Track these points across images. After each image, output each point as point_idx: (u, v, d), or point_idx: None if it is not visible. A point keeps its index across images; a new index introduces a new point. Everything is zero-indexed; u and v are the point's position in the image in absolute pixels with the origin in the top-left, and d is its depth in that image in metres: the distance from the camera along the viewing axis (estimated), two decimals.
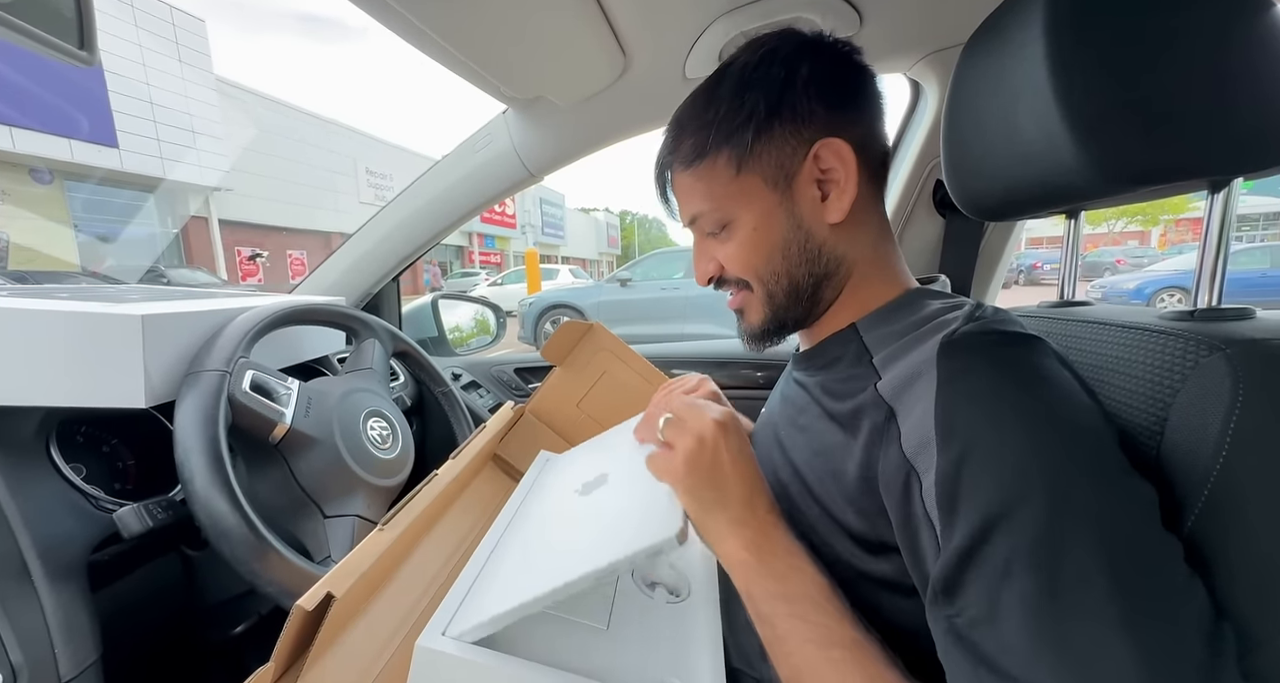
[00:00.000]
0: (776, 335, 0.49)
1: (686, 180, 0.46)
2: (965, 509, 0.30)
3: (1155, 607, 0.27)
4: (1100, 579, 0.27)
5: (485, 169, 0.97)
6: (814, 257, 0.44)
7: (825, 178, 0.43)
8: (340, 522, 0.62)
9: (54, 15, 0.39)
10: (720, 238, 0.46)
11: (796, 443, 0.46)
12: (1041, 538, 0.28)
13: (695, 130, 0.45)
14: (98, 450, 0.64)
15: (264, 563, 0.51)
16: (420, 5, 0.59)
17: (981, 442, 0.31)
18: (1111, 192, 0.39)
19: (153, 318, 0.54)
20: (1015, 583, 0.28)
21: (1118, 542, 0.28)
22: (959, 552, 0.30)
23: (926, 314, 0.42)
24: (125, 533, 0.51)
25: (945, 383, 0.33)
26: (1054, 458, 0.30)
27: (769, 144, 0.43)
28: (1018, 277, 14.52)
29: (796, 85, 0.42)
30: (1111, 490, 0.29)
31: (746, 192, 0.44)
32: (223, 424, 0.54)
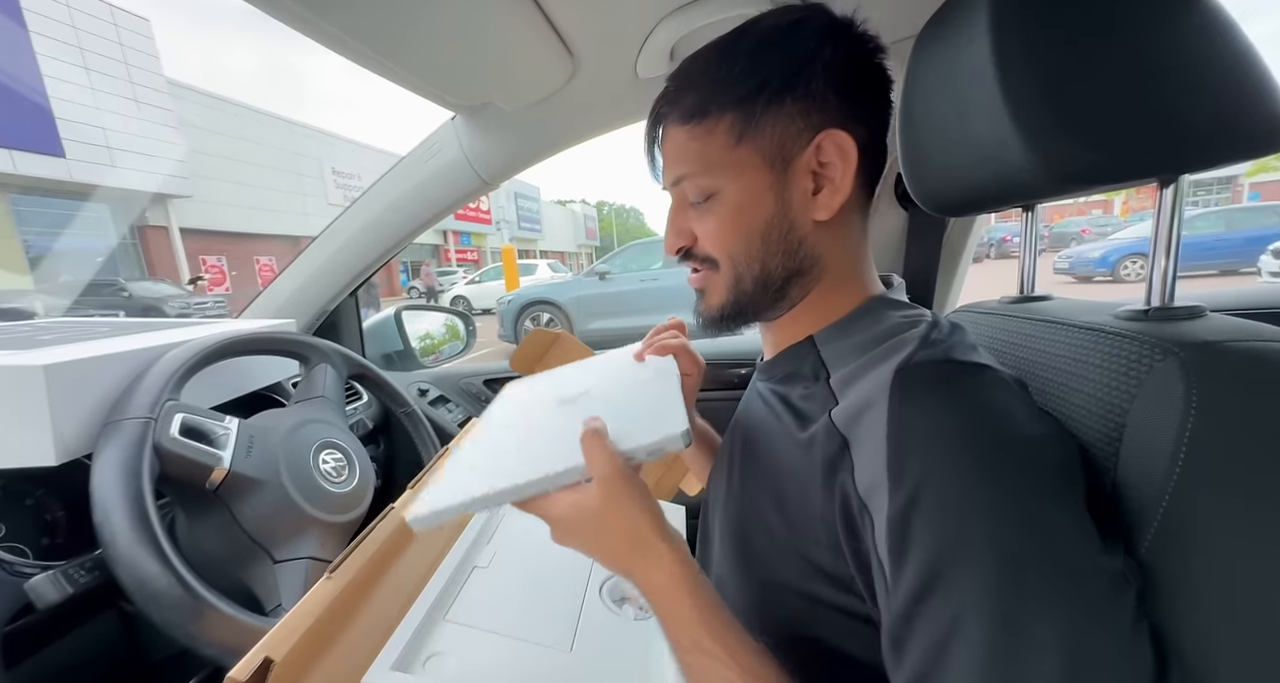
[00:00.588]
0: (734, 322, 0.46)
1: (680, 137, 0.42)
2: (911, 560, 0.30)
3: (1098, 673, 0.27)
4: (1046, 648, 0.27)
5: (437, 178, 0.94)
6: (793, 250, 0.42)
7: (822, 171, 0.40)
8: (291, 566, 0.59)
9: None
10: (700, 209, 0.43)
11: (756, 455, 0.45)
12: (979, 603, 0.28)
13: (702, 86, 0.41)
14: (20, 505, 0.59)
15: (201, 624, 0.48)
16: (347, 18, 0.55)
17: (928, 489, 0.30)
18: (1060, 192, 0.38)
19: (58, 367, 0.50)
20: (953, 649, 0.28)
21: (1063, 606, 0.27)
22: (902, 610, 0.30)
23: (883, 330, 0.41)
24: (39, 603, 0.48)
25: (894, 421, 0.33)
26: (997, 514, 0.29)
27: (776, 119, 0.39)
28: (988, 251, 14.84)
29: (818, 63, 0.39)
30: (1058, 547, 0.29)
31: (741, 164, 0.40)
32: (148, 476, 0.50)
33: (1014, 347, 0.47)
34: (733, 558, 0.45)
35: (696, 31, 0.69)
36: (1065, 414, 0.39)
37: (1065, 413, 0.39)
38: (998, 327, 0.51)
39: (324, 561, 0.62)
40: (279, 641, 0.42)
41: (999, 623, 0.27)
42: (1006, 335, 0.49)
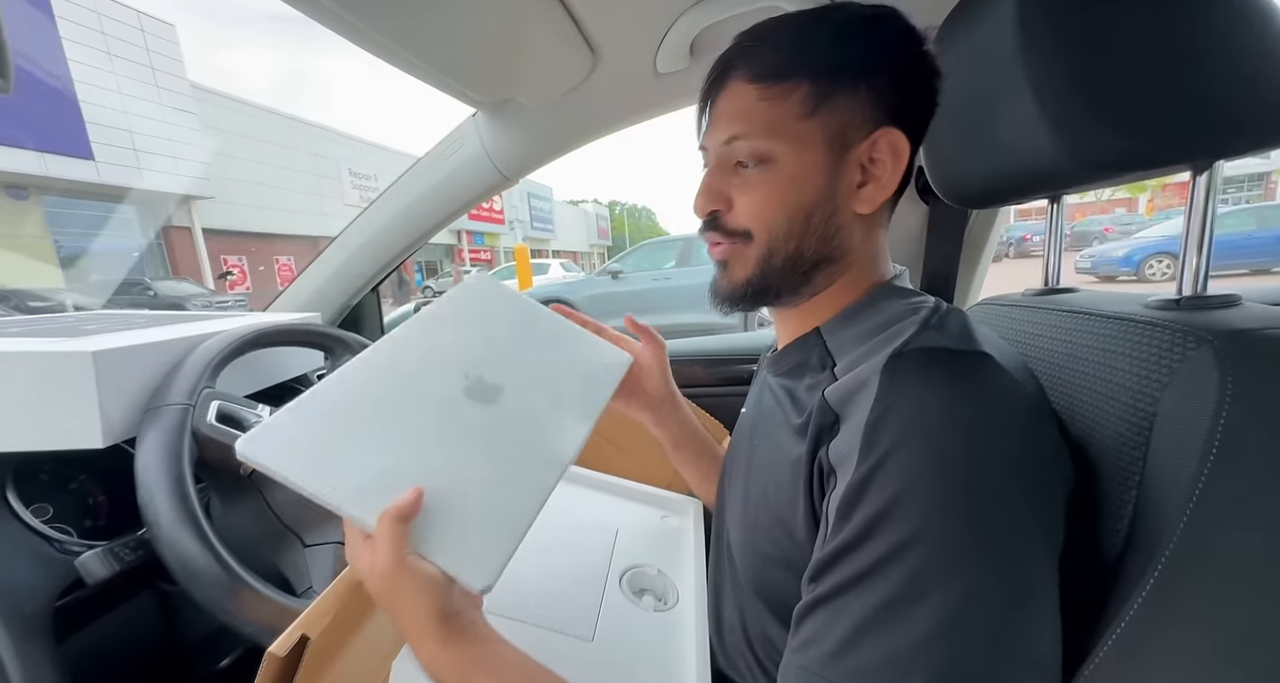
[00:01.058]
0: (755, 300, 0.45)
1: (748, 95, 0.41)
2: (855, 517, 0.31)
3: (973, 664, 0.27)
4: (931, 613, 0.28)
5: (458, 174, 0.95)
6: (830, 235, 0.41)
7: (870, 167, 0.40)
8: (321, 550, 0.60)
9: None
10: (747, 175, 0.42)
11: (760, 456, 0.46)
12: (898, 557, 0.29)
13: (784, 47, 0.40)
14: (64, 488, 0.62)
15: (238, 602, 0.49)
16: (375, 13, 0.56)
17: (891, 460, 0.31)
18: (1090, 179, 0.38)
19: (105, 353, 0.52)
20: (864, 588, 0.30)
21: (970, 606, 0.28)
22: (834, 548, 0.32)
23: (886, 318, 0.41)
24: (89, 579, 0.50)
25: (879, 400, 0.33)
26: (951, 494, 0.30)
27: (848, 103, 0.39)
28: (1008, 249, 14.56)
29: (896, 60, 0.40)
30: (992, 547, 0.29)
31: (806, 137, 0.40)
32: (188, 460, 0.52)
33: (1038, 339, 0.47)
34: (741, 542, 0.45)
35: (717, 25, 0.70)
36: (1092, 405, 0.38)
37: (1092, 404, 0.38)
38: (1021, 319, 0.51)
39: None
40: (314, 619, 0.43)
41: (905, 581, 0.28)
42: (1031, 327, 0.48)
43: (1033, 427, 0.33)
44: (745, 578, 0.46)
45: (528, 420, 0.43)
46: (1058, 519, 0.32)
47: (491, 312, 0.51)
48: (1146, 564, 0.31)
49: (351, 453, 0.36)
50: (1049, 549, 0.31)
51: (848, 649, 0.29)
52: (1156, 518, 0.32)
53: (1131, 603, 0.31)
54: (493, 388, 0.44)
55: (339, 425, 0.37)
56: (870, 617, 0.29)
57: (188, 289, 9.11)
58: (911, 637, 0.27)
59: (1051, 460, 0.33)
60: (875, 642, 0.28)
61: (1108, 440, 0.36)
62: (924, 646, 0.27)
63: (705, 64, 0.45)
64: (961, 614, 0.27)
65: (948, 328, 0.38)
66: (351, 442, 0.37)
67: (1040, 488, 0.31)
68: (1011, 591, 0.29)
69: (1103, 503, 0.36)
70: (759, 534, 0.42)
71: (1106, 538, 0.35)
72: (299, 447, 0.35)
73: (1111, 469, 0.35)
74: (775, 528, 0.40)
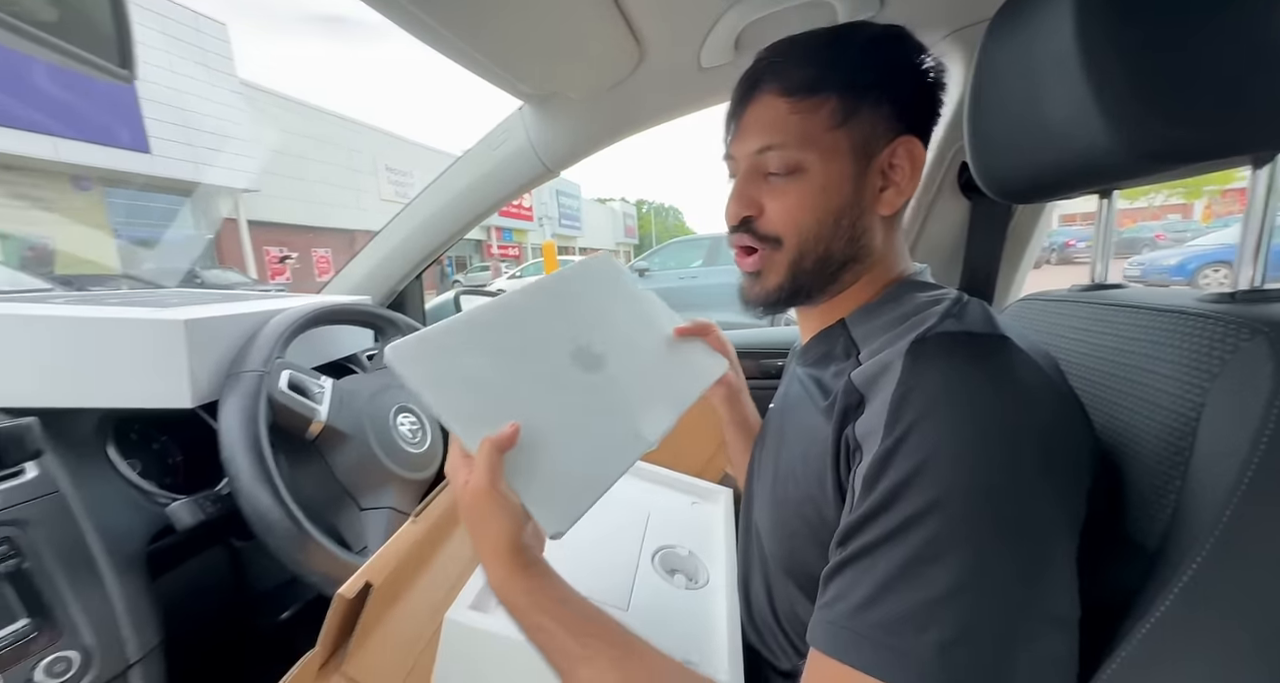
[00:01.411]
0: (788, 303, 0.48)
1: (779, 107, 0.43)
2: (880, 487, 0.33)
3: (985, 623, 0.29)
4: (949, 574, 0.29)
5: (503, 166, 0.98)
6: (856, 237, 0.44)
7: (889, 173, 0.44)
8: (375, 514, 0.64)
9: (95, 35, 0.41)
10: (777, 183, 0.44)
11: (789, 439, 0.48)
12: (920, 523, 0.30)
13: (813, 62, 0.43)
14: (149, 448, 0.67)
15: (306, 554, 0.53)
16: (435, 4, 0.59)
17: (914, 434, 0.32)
18: (1145, 171, 0.38)
19: (195, 322, 0.57)
20: (886, 550, 0.31)
21: (985, 568, 0.29)
22: (860, 515, 0.33)
23: (910, 308, 0.43)
24: (179, 526, 0.55)
25: (903, 381, 0.35)
26: (972, 467, 0.31)
27: (874, 115, 0.42)
28: (1050, 256, 13.96)
29: (916, 75, 0.43)
30: (1007, 515, 0.30)
31: (835, 147, 0.42)
32: (263, 422, 0.56)
33: (1083, 333, 0.47)
34: (770, 521, 0.47)
35: (762, 20, 0.71)
36: (1137, 397, 0.38)
37: (1137, 396, 0.38)
38: (1067, 313, 0.50)
39: (402, 512, 0.67)
40: (377, 569, 0.47)
41: (924, 543, 0.30)
42: (1076, 321, 0.48)
43: (1051, 406, 0.34)
44: (774, 557, 0.48)
45: (623, 396, 0.46)
46: (1077, 496, 0.33)
47: (609, 291, 0.54)
48: (1188, 553, 0.31)
49: (471, 383, 0.40)
50: (1066, 522, 0.32)
51: (871, 605, 0.30)
52: (1200, 508, 0.32)
53: (1171, 590, 0.31)
54: (597, 358, 0.47)
55: (465, 357, 0.41)
56: (892, 575, 0.30)
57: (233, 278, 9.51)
58: (930, 594, 0.29)
59: (1069, 439, 0.34)
60: (897, 598, 0.30)
61: (1152, 431, 0.36)
62: (941, 602, 0.29)
63: (749, 59, 0.47)
64: (976, 575, 0.29)
65: (968, 316, 0.39)
66: (473, 374, 0.41)
67: (1057, 464, 0.32)
68: (1026, 555, 0.30)
69: (1146, 493, 0.36)
70: (788, 511, 0.44)
71: (1148, 527, 0.35)
72: (432, 366, 0.40)
73: (1155, 459, 0.36)
74: (805, 505, 0.42)
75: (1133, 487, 0.37)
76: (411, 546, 0.51)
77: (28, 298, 0.65)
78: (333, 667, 0.43)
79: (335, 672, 0.43)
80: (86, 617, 0.47)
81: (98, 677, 0.46)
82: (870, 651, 0.30)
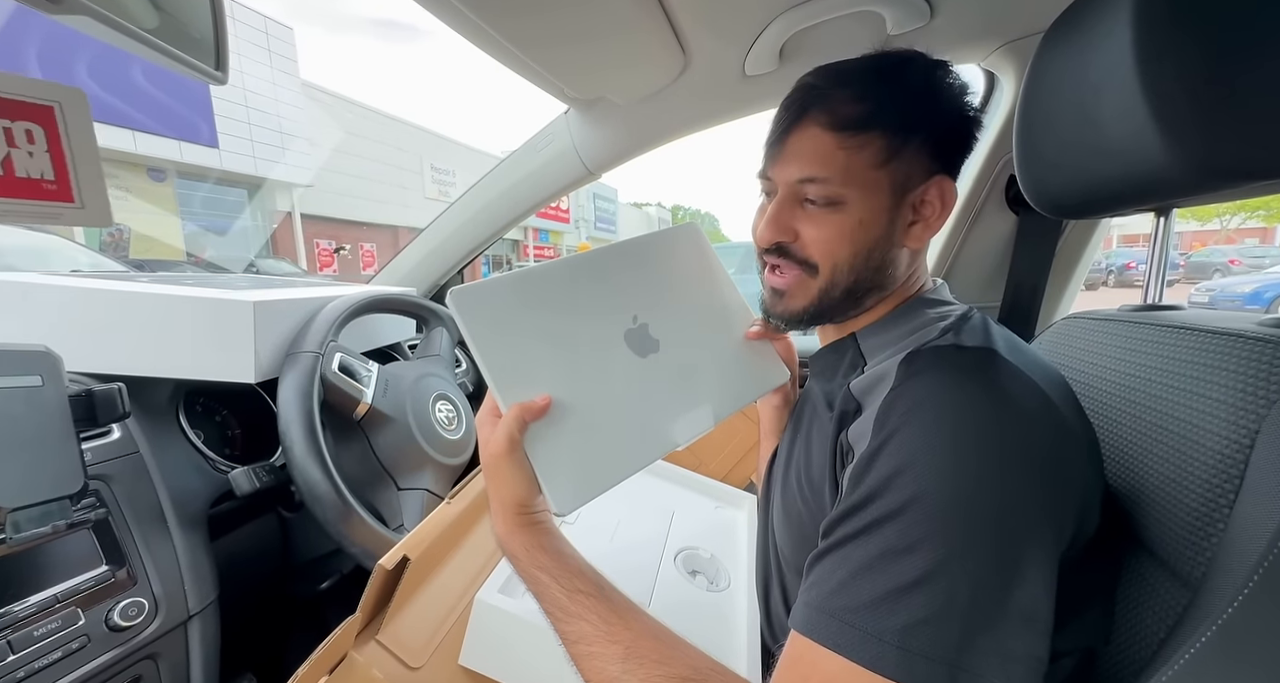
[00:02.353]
0: (811, 323, 0.50)
1: (827, 142, 0.43)
2: (862, 485, 0.34)
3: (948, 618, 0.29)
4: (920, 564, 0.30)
5: (547, 168, 1.02)
6: (883, 268, 0.46)
7: (921, 208, 0.45)
8: (412, 494, 0.68)
9: (192, 38, 0.45)
10: (816, 213, 0.44)
11: (801, 448, 0.49)
12: (896, 516, 0.32)
13: (864, 99, 0.43)
14: (212, 420, 0.73)
15: (349, 526, 0.57)
16: (488, 10, 0.62)
17: (895, 438, 0.34)
18: (1206, 188, 0.37)
19: (262, 304, 0.61)
20: (862, 541, 0.33)
21: (953, 563, 0.30)
22: (842, 510, 0.35)
23: (917, 323, 0.44)
24: (238, 491, 0.59)
25: (893, 389, 0.37)
26: (947, 472, 0.32)
27: (916, 156, 0.43)
28: (1106, 277, 13.26)
29: (955, 117, 0.44)
30: (978, 516, 0.31)
31: (876, 185, 0.43)
32: (316, 400, 0.60)
33: (1131, 353, 0.45)
34: (784, 524, 0.49)
35: (808, 29, 0.71)
36: (1186, 421, 0.37)
37: (1186, 420, 0.37)
38: (1114, 333, 0.49)
39: (436, 494, 0.70)
40: (414, 545, 0.50)
41: (897, 535, 0.31)
42: (1122, 341, 0.47)
43: (1036, 419, 0.35)
44: (789, 564, 0.49)
45: (667, 389, 0.45)
46: (1062, 510, 0.34)
47: (689, 267, 0.52)
48: (1231, 588, 0.30)
49: (518, 343, 0.41)
50: (1042, 530, 0.32)
51: (843, 589, 0.32)
52: (1248, 541, 0.31)
53: (1211, 625, 0.30)
54: (652, 342, 0.46)
55: (522, 314, 0.41)
56: (866, 564, 0.32)
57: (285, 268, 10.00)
58: (899, 582, 0.30)
59: (1055, 453, 0.34)
60: (868, 584, 0.31)
61: (1199, 459, 0.35)
62: (909, 590, 0.30)
63: (792, 67, 0.48)
64: (944, 567, 0.30)
65: (965, 330, 0.41)
66: (523, 333, 0.41)
67: (1037, 475, 0.33)
68: (996, 554, 0.31)
69: (1190, 522, 0.35)
70: (799, 518, 0.46)
71: (1192, 557, 0.34)
72: (487, 317, 0.40)
73: (1202, 488, 0.35)
74: (815, 507, 0.44)
75: (1174, 513, 0.36)
76: (445, 527, 0.54)
77: (112, 277, 0.72)
78: (370, 633, 0.46)
79: (372, 638, 0.45)
80: (156, 568, 0.51)
81: (163, 624, 0.50)
82: (838, 630, 0.31)
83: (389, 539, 0.58)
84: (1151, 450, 0.39)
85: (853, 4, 0.66)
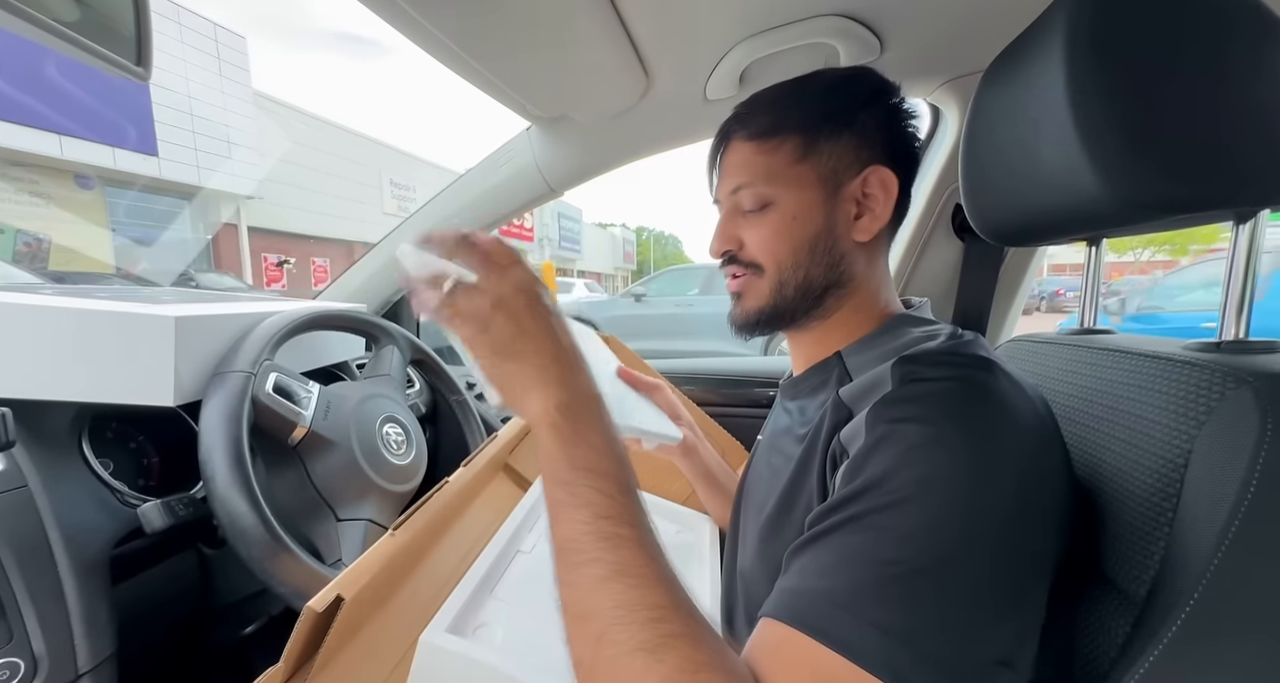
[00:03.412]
0: (769, 326, 0.50)
1: (746, 150, 0.47)
2: (854, 482, 0.34)
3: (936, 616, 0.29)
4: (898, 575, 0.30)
5: (508, 184, 1.00)
6: (834, 263, 0.46)
7: (865, 201, 0.46)
8: (353, 525, 0.63)
9: (113, 33, 0.42)
10: (753, 218, 0.47)
11: (776, 467, 0.48)
12: (887, 518, 0.31)
13: (773, 110, 0.47)
14: (125, 447, 0.65)
15: (278, 563, 0.51)
16: (451, 24, 0.61)
17: (889, 440, 0.34)
18: (1131, 220, 0.39)
19: (185, 319, 0.56)
20: (846, 533, 0.32)
21: (934, 564, 0.30)
22: (829, 504, 0.34)
23: (906, 341, 0.44)
24: (148, 528, 0.53)
25: (890, 392, 0.36)
26: (933, 474, 0.32)
27: (834, 147, 0.45)
28: (1039, 303, 14.25)
29: (873, 109, 0.46)
30: (965, 522, 0.31)
31: (799, 179, 0.46)
32: (246, 424, 0.55)
33: (1071, 375, 0.47)
34: (759, 559, 0.46)
35: (767, 58, 0.73)
36: (1125, 441, 0.39)
37: (1125, 440, 0.39)
38: (1055, 355, 0.51)
39: (380, 525, 0.65)
40: (349, 582, 0.45)
41: (881, 530, 0.31)
42: (1064, 364, 0.49)
43: (1032, 430, 0.35)
44: (763, 597, 0.46)
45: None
46: (1049, 521, 0.34)
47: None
48: (1178, 600, 0.31)
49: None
50: (1031, 539, 0.32)
51: (824, 575, 0.31)
52: (1189, 555, 0.32)
53: (1160, 639, 0.31)
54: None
55: None
56: (846, 555, 0.31)
57: (228, 283, 9.46)
58: (878, 575, 0.30)
59: (1046, 465, 0.35)
60: (848, 574, 0.30)
61: (1140, 477, 0.36)
62: (886, 583, 0.29)
63: (752, 93, 0.50)
64: (932, 567, 0.29)
65: (960, 341, 0.41)
66: None
67: (1031, 484, 0.33)
68: (985, 559, 0.30)
69: (1133, 539, 0.36)
70: (780, 547, 0.43)
71: (1135, 573, 0.35)
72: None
73: (1143, 505, 0.36)
74: (794, 536, 0.41)
75: (1120, 533, 0.37)
76: (388, 560, 0.49)
77: (14, 290, 0.64)
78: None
79: None
80: (39, 621, 0.44)
81: None
82: (814, 617, 0.30)
83: (324, 576, 0.53)
84: (1096, 470, 0.40)
85: (807, 36, 0.69)
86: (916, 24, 0.68)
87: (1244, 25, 0.35)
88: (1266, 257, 0.42)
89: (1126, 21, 0.35)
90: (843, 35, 0.69)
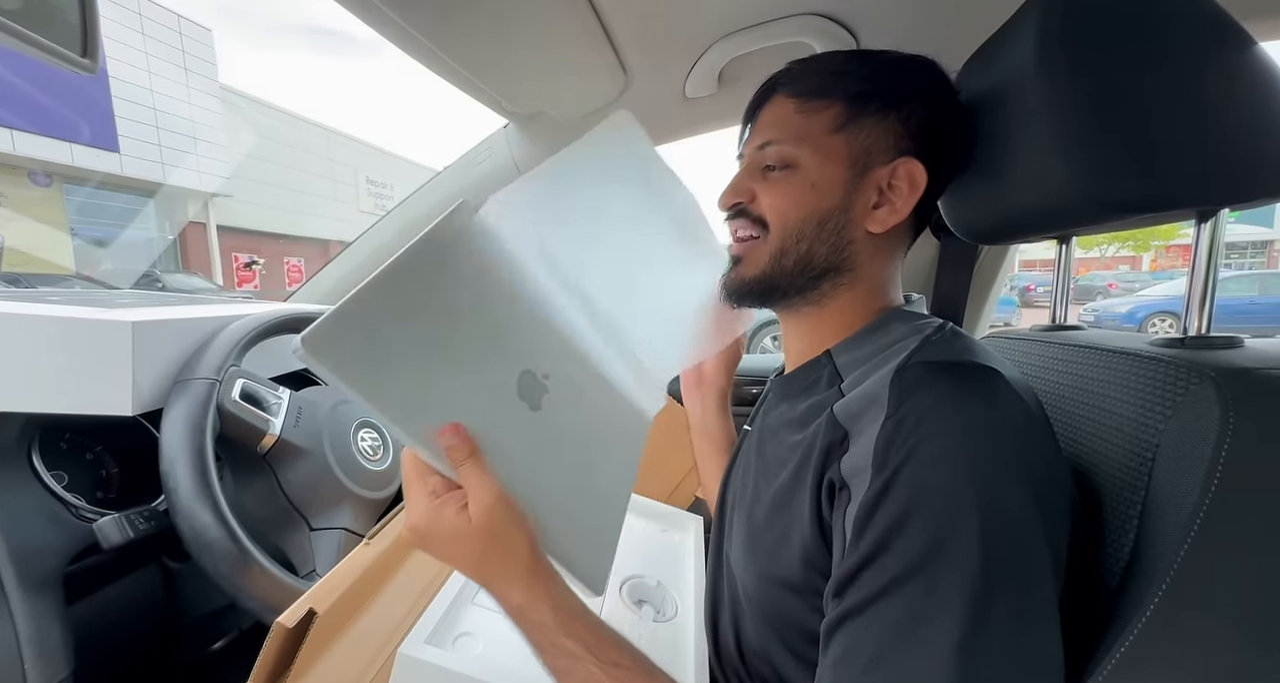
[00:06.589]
0: (762, 298, 0.48)
1: (787, 107, 0.45)
2: (871, 529, 0.32)
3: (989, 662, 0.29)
4: (952, 627, 0.29)
5: (485, 182, 0.98)
6: (840, 245, 0.44)
7: (888, 192, 0.44)
8: (327, 535, 0.61)
9: (57, 22, 0.40)
10: (773, 177, 0.45)
11: (766, 472, 0.47)
12: (918, 571, 0.30)
13: (825, 74, 0.45)
14: (81, 458, 0.62)
15: (246, 577, 0.49)
16: (425, 21, 0.60)
17: (903, 473, 0.32)
18: (1100, 218, 0.40)
19: (143, 325, 0.53)
20: (886, 605, 0.31)
21: (987, 618, 0.29)
22: (854, 563, 0.33)
23: (894, 337, 0.43)
24: (105, 544, 0.50)
25: (890, 415, 0.35)
26: (963, 506, 0.31)
27: (875, 127, 0.43)
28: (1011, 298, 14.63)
29: (927, 101, 0.44)
30: (1003, 557, 0.30)
31: (831, 150, 0.43)
32: (210, 433, 0.53)
33: (1044, 371, 0.48)
34: (746, 564, 0.46)
35: (745, 56, 0.73)
36: (1096, 436, 0.39)
37: (1096, 435, 0.39)
38: (1028, 351, 0.52)
39: (356, 533, 0.64)
40: (322, 596, 0.44)
41: (924, 594, 0.30)
42: (1037, 360, 0.50)
43: (1037, 438, 0.35)
44: (750, 599, 0.46)
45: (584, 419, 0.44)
46: (1063, 529, 0.33)
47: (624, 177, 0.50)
48: (1147, 591, 0.32)
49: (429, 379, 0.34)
50: (1054, 556, 0.32)
51: (876, 666, 0.30)
52: (1157, 547, 0.33)
53: (1131, 630, 0.32)
54: (540, 388, 0.41)
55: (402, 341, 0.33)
56: (894, 634, 0.30)
57: (196, 284, 9.15)
58: (934, 650, 0.29)
59: (1054, 470, 0.35)
60: (902, 657, 0.29)
61: (1111, 471, 0.37)
62: (946, 658, 0.29)
63: (732, 91, 0.49)
64: (976, 627, 0.29)
65: (950, 343, 0.40)
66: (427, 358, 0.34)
67: (1045, 496, 0.32)
68: (1024, 597, 0.30)
69: (1106, 531, 0.36)
70: (767, 558, 0.43)
71: (1108, 565, 0.36)
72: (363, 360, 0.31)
73: (1114, 498, 0.36)
74: (782, 551, 0.41)
75: (1095, 523, 0.38)
76: (363, 570, 0.48)
77: None
78: None
79: None
80: None
81: None
82: None
83: (295, 589, 0.52)
84: (1073, 463, 0.41)
85: (783, 35, 0.69)
86: (890, 24, 0.69)
87: (1203, 29, 0.36)
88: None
89: (1095, 25, 0.36)
90: (818, 34, 0.69)
